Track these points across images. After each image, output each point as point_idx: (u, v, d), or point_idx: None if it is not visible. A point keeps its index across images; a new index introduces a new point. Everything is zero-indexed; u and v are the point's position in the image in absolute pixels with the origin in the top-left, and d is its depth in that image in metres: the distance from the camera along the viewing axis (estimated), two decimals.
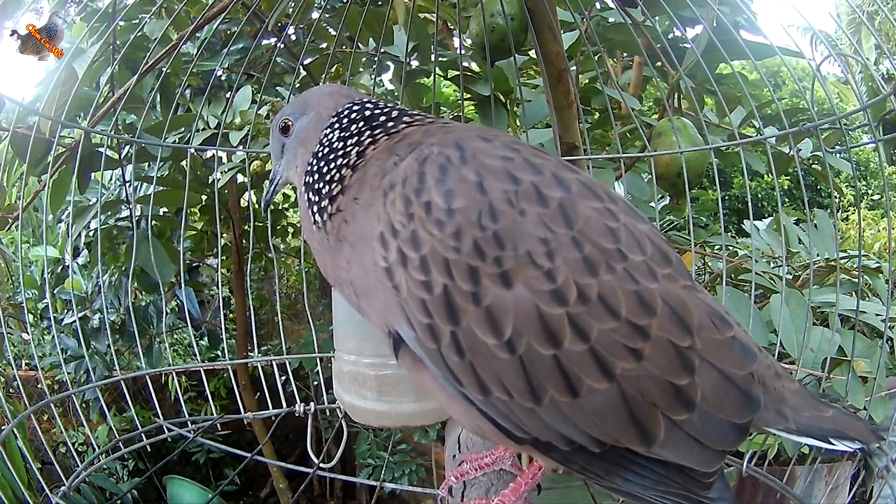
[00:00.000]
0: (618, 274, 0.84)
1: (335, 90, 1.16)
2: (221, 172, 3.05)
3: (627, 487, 0.91)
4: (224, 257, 4.01)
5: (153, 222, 2.93)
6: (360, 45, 2.52)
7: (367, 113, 1.06)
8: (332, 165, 1.03)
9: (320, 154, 1.06)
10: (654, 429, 0.86)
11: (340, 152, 1.03)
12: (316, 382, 3.93)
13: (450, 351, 0.85)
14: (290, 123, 1.15)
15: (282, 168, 1.18)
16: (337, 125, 1.06)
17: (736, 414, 0.89)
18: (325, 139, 1.06)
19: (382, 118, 1.05)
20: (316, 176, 1.04)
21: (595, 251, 0.84)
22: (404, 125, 1.03)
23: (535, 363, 0.83)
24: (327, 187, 1.02)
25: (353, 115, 1.06)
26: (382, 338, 0.97)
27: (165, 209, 3.20)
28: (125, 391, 2.10)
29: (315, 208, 1.03)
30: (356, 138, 1.03)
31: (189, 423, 1.83)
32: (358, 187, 0.98)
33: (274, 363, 2.14)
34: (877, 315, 2.08)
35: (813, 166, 2.46)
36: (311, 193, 1.05)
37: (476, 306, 0.83)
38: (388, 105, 1.09)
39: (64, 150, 2.04)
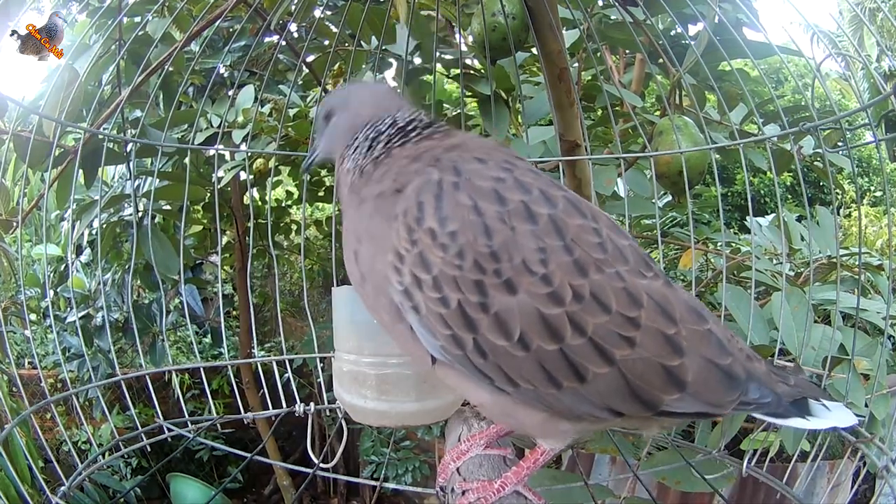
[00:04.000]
0: (606, 274, 0.94)
1: (378, 97, 1.25)
2: (224, 171, 3.05)
3: (668, 421, 1.07)
4: (227, 255, 4.01)
5: (158, 217, 2.93)
6: (362, 42, 2.52)
7: (400, 124, 1.15)
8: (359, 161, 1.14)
9: (349, 153, 1.17)
10: (656, 400, 0.95)
11: (365, 152, 1.14)
12: (318, 380, 3.94)
13: (475, 355, 0.95)
14: (332, 114, 1.26)
15: (321, 147, 1.30)
16: (364, 135, 1.16)
17: (722, 392, 0.98)
18: (355, 141, 1.16)
19: (411, 127, 1.15)
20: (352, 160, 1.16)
21: (585, 254, 0.94)
22: (424, 138, 1.13)
23: (546, 357, 0.92)
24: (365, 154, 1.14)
25: (384, 130, 1.15)
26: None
27: (168, 206, 3.20)
28: (126, 391, 2.10)
29: (350, 166, 1.15)
30: (383, 144, 1.13)
31: (189, 423, 1.83)
32: (376, 184, 1.07)
33: (275, 361, 2.14)
34: (878, 313, 2.08)
35: (814, 163, 2.45)
36: (350, 163, 1.16)
37: (486, 314, 0.92)
38: (422, 119, 1.18)
39: (68, 150, 2.04)
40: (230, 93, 2.77)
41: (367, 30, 2.23)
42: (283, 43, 2.64)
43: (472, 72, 2.41)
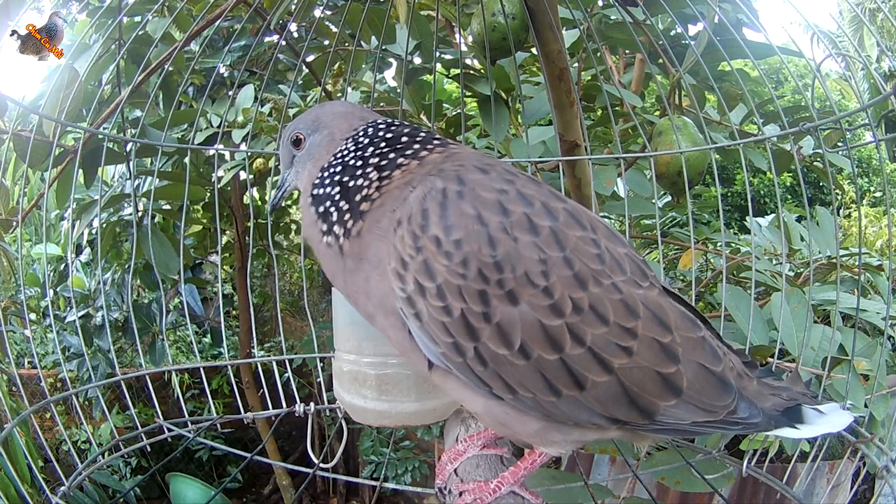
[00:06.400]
0: (604, 286, 0.96)
1: (349, 111, 1.20)
2: (224, 170, 3.05)
3: (663, 435, 1.09)
4: (227, 254, 4.01)
5: (158, 216, 2.93)
6: (362, 42, 2.52)
7: (388, 135, 1.11)
8: (352, 184, 1.07)
9: (332, 171, 1.10)
10: (652, 407, 0.98)
11: (359, 172, 1.07)
12: (318, 380, 3.94)
13: (475, 363, 0.96)
14: (301, 138, 1.19)
15: (290, 178, 1.23)
16: (353, 146, 1.11)
17: (717, 396, 1.01)
18: (340, 157, 1.11)
19: (405, 139, 1.10)
20: (328, 189, 1.08)
21: (585, 268, 0.96)
22: (426, 152, 1.08)
23: (546, 366, 0.94)
24: (347, 205, 1.05)
25: (371, 137, 1.11)
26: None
27: (168, 206, 3.20)
28: (126, 391, 2.10)
29: (326, 227, 1.07)
30: (377, 160, 1.07)
31: (189, 422, 1.83)
32: (381, 213, 1.03)
33: (275, 361, 2.14)
34: (877, 313, 2.08)
35: (814, 163, 2.45)
36: (321, 207, 1.09)
37: (488, 324, 0.93)
38: (407, 126, 1.14)
39: (68, 149, 2.04)
40: (230, 92, 2.78)
41: (367, 30, 2.23)
42: (283, 43, 2.63)
43: (472, 72, 2.41)
